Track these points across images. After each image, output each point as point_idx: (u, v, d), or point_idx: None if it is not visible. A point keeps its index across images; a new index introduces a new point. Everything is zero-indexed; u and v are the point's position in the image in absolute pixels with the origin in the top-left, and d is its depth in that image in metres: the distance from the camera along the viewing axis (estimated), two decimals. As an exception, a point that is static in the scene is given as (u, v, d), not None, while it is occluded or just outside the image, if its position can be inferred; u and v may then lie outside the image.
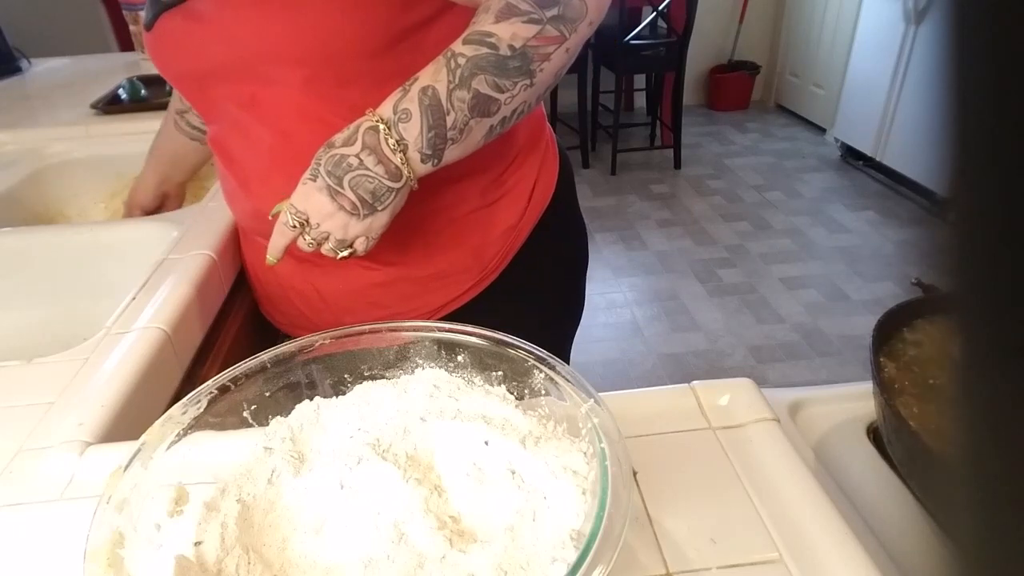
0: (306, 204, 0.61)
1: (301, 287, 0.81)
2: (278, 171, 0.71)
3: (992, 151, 0.12)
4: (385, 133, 0.58)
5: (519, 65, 0.59)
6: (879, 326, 0.53)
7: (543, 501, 0.42)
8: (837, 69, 3.58)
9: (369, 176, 0.59)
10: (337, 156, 0.59)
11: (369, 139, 0.59)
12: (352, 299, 0.79)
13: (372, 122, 0.59)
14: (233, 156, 0.75)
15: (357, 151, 0.59)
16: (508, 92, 0.60)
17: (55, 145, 1.23)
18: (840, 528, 0.44)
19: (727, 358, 2.20)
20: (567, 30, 0.60)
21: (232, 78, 0.68)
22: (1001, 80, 0.11)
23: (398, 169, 0.59)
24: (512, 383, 0.49)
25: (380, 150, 0.59)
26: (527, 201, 0.79)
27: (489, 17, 0.59)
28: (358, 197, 0.59)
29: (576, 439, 0.44)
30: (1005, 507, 0.13)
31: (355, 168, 0.59)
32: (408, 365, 0.52)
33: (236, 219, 0.87)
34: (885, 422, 0.50)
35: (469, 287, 0.79)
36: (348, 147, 0.59)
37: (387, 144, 0.58)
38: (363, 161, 0.59)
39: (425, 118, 0.58)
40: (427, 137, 0.59)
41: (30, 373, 0.63)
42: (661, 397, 0.57)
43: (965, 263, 0.12)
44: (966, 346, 0.13)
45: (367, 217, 0.61)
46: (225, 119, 0.73)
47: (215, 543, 0.40)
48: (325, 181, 0.59)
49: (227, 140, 0.75)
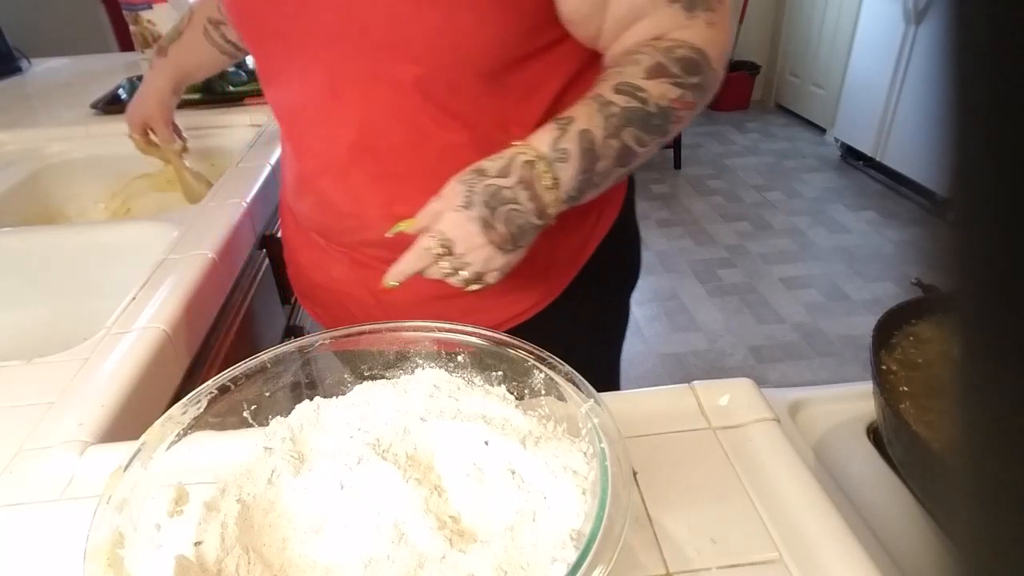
0: (456, 232, 0.56)
1: (358, 293, 0.77)
2: (358, 169, 0.68)
3: (992, 151, 0.11)
4: (543, 170, 0.56)
5: (660, 124, 0.59)
6: (879, 326, 0.53)
7: (543, 501, 0.42)
8: (837, 69, 3.58)
9: (520, 212, 0.56)
10: (494, 187, 0.56)
11: (525, 173, 0.56)
12: (413, 310, 0.74)
13: (529, 156, 0.57)
14: (306, 143, 0.71)
15: (512, 184, 0.56)
16: (646, 148, 0.60)
17: (55, 145, 1.23)
18: (840, 528, 0.44)
19: (727, 358, 2.20)
20: (700, 98, 0.61)
21: (335, 55, 0.63)
22: (1001, 80, 0.11)
23: (546, 208, 0.57)
24: (512, 383, 0.49)
25: (534, 187, 0.57)
26: (597, 217, 0.78)
27: (639, 71, 0.58)
28: (509, 232, 0.57)
29: (576, 439, 0.44)
30: (1005, 507, 0.13)
31: (509, 202, 0.56)
32: (408, 365, 0.52)
33: (291, 204, 0.80)
34: (885, 422, 0.50)
35: (533, 303, 0.77)
36: (503, 178, 0.56)
37: (542, 182, 0.57)
38: (517, 196, 0.56)
39: (581, 161, 0.57)
40: (578, 180, 0.58)
41: (30, 373, 0.63)
42: (661, 397, 0.57)
43: (965, 263, 0.12)
44: (966, 346, 0.13)
45: (509, 253, 0.58)
46: (304, 95, 0.67)
47: (215, 543, 0.40)
48: (480, 211, 0.56)
49: (301, 119, 0.70)
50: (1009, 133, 0.11)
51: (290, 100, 0.70)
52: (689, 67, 0.59)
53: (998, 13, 0.11)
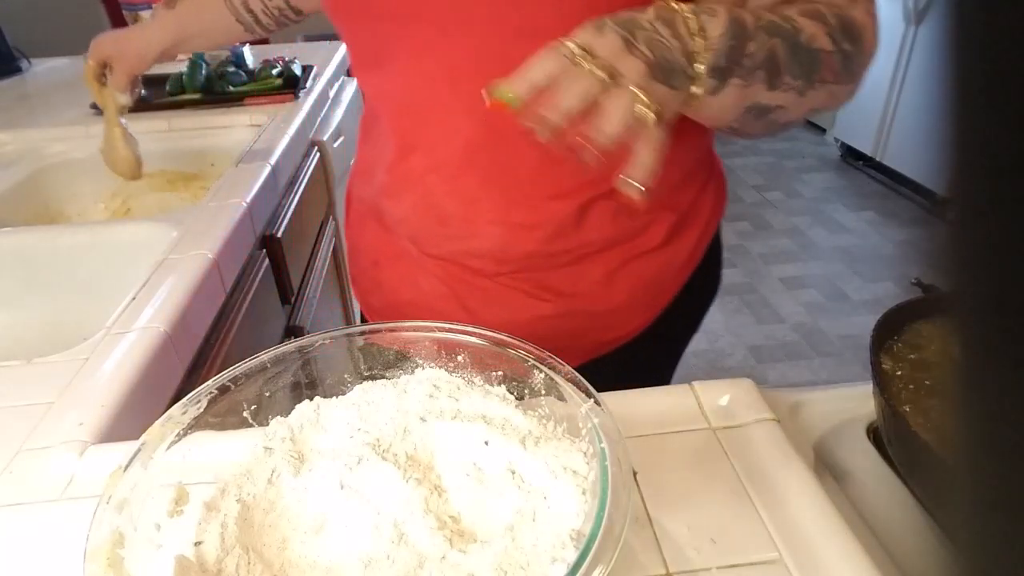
0: (595, 42, 0.44)
1: (448, 308, 0.69)
2: (472, 168, 0.61)
3: (992, 151, 0.11)
4: (687, 14, 0.47)
5: (806, 63, 0.51)
6: (879, 326, 0.53)
7: (543, 501, 0.42)
8: (837, 69, 3.57)
9: (664, 43, 0.46)
10: (625, 16, 0.46)
11: (664, 13, 0.47)
12: (511, 330, 0.69)
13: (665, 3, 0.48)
14: (413, 136, 0.63)
15: (650, 18, 0.46)
16: (784, 83, 0.51)
17: (55, 145, 1.23)
18: (840, 528, 0.44)
19: (727, 358, 2.20)
20: (846, 72, 0.53)
21: (458, 41, 0.56)
22: (1001, 80, 0.11)
23: (692, 56, 0.47)
24: (512, 383, 0.49)
25: (675, 25, 0.47)
26: (698, 237, 0.74)
27: (795, 10, 0.52)
28: (655, 57, 0.45)
29: (576, 439, 0.44)
30: (1005, 507, 0.13)
31: (648, 30, 0.46)
32: (408, 365, 0.52)
33: (381, 205, 0.71)
34: (885, 422, 0.50)
35: (637, 324, 0.72)
36: (635, 14, 0.47)
37: (686, 25, 0.47)
38: (657, 28, 0.46)
39: (731, 26, 0.48)
40: (727, 43, 0.48)
41: (30, 373, 0.63)
42: (661, 397, 0.57)
43: (965, 263, 0.12)
44: (966, 346, 0.13)
45: (661, 84, 0.45)
46: (416, 83, 0.60)
47: (215, 543, 0.40)
48: (616, 31, 0.44)
49: (409, 110, 0.62)
50: (1009, 133, 0.11)
51: (396, 88, 0.62)
52: (847, 30, 0.52)
53: (998, 13, 0.11)
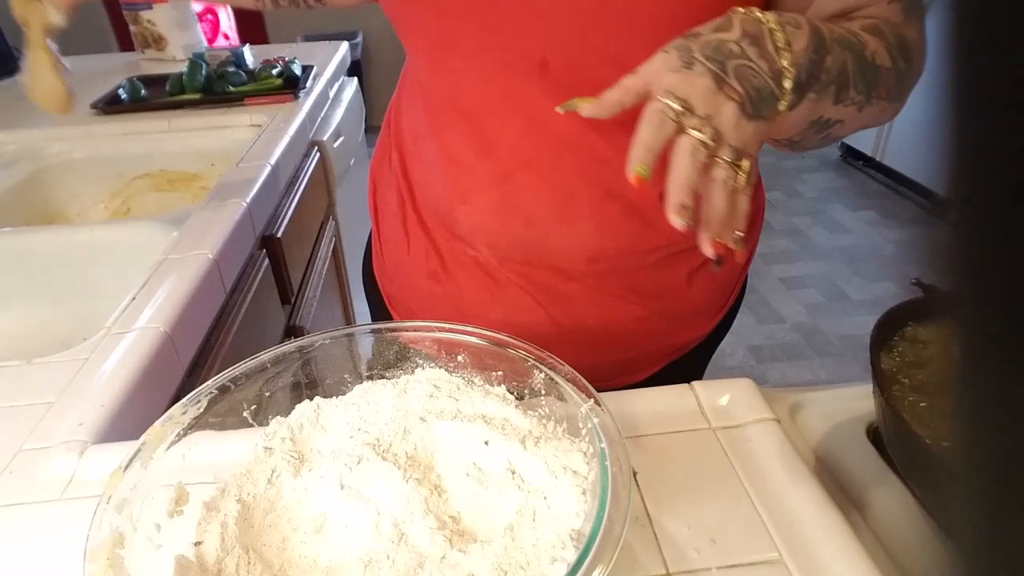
0: (688, 90, 0.44)
1: (532, 319, 0.65)
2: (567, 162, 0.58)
3: (992, 151, 0.12)
4: (773, 26, 0.46)
5: (870, 78, 0.51)
6: (879, 326, 0.53)
7: (543, 501, 0.42)
8: (837, 69, 3.58)
9: (753, 69, 0.45)
10: (714, 41, 0.45)
11: (750, 27, 0.46)
12: (598, 336, 0.66)
13: (754, 14, 0.46)
14: (495, 134, 0.59)
15: (736, 37, 0.45)
16: (849, 97, 0.51)
17: (55, 145, 1.23)
18: (840, 528, 0.44)
19: (727, 358, 2.20)
20: (898, 89, 0.53)
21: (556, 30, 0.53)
22: (1002, 79, 0.11)
23: (781, 74, 0.46)
24: (512, 383, 0.49)
25: (763, 42, 0.46)
26: (756, 235, 0.74)
27: (856, 25, 0.52)
28: (745, 90, 0.45)
29: (576, 439, 0.44)
30: (1005, 507, 0.13)
31: (737, 56, 0.45)
32: (408, 365, 0.52)
33: (443, 216, 0.66)
34: (885, 422, 0.50)
35: (706, 327, 0.73)
36: (723, 32, 0.46)
37: (772, 40, 0.46)
38: (745, 51, 0.45)
39: (813, 39, 0.47)
40: (809, 57, 0.47)
41: (30, 373, 0.63)
42: (661, 397, 0.57)
43: (965, 263, 0.12)
44: (966, 346, 0.13)
45: (752, 120, 0.45)
46: (500, 77, 0.57)
47: (215, 543, 0.40)
48: (706, 67, 0.44)
49: (490, 105, 0.59)
50: (1009, 133, 0.11)
51: (472, 82, 0.59)
52: (903, 49, 0.52)
53: (998, 13, 0.11)
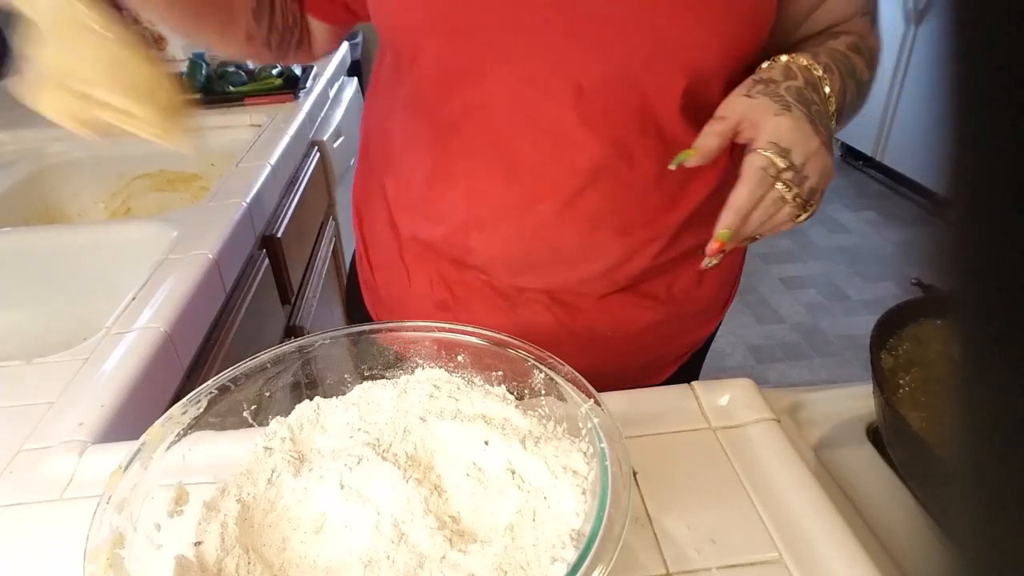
0: (792, 137, 0.47)
1: (555, 339, 0.64)
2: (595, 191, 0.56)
3: (992, 151, 0.12)
4: (821, 74, 0.51)
5: (860, 99, 0.55)
6: (879, 326, 0.53)
7: (543, 501, 0.42)
8: (837, 69, 3.58)
9: (822, 112, 0.49)
10: (794, 87, 0.48)
11: (808, 76, 0.50)
12: (619, 343, 0.66)
13: (804, 62, 0.51)
14: (518, 162, 0.57)
15: (803, 84, 0.49)
16: (845, 117, 0.55)
17: (55, 145, 1.23)
18: (840, 528, 0.44)
19: (727, 358, 2.20)
20: (864, 98, 0.57)
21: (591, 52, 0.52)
22: (1002, 79, 0.11)
23: (831, 116, 0.51)
24: (512, 383, 0.49)
25: (820, 89, 0.50)
26: None
27: (842, 44, 0.56)
28: (827, 134, 0.49)
29: (576, 439, 0.44)
30: (1005, 507, 0.13)
31: (814, 103, 0.49)
32: (408, 365, 0.52)
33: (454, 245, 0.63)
34: (885, 422, 0.50)
35: (714, 323, 0.73)
36: (792, 80, 0.49)
37: (823, 87, 0.51)
38: (813, 97, 0.49)
39: (840, 80, 0.52)
40: (837, 102, 0.52)
41: (30, 373, 0.63)
42: (661, 397, 0.57)
43: (965, 263, 0.12)
44: (966, 346, 0.13)
45: (831, 159, 0.49)
46: (526, 100, 0.55)
47: (215, 543, 0.40)
48: (802, 111, 0.47)
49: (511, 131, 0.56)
50: (1009, 132, 0.11)
51: (501, 108, 0.56)
52: (871, 61, 0.57)
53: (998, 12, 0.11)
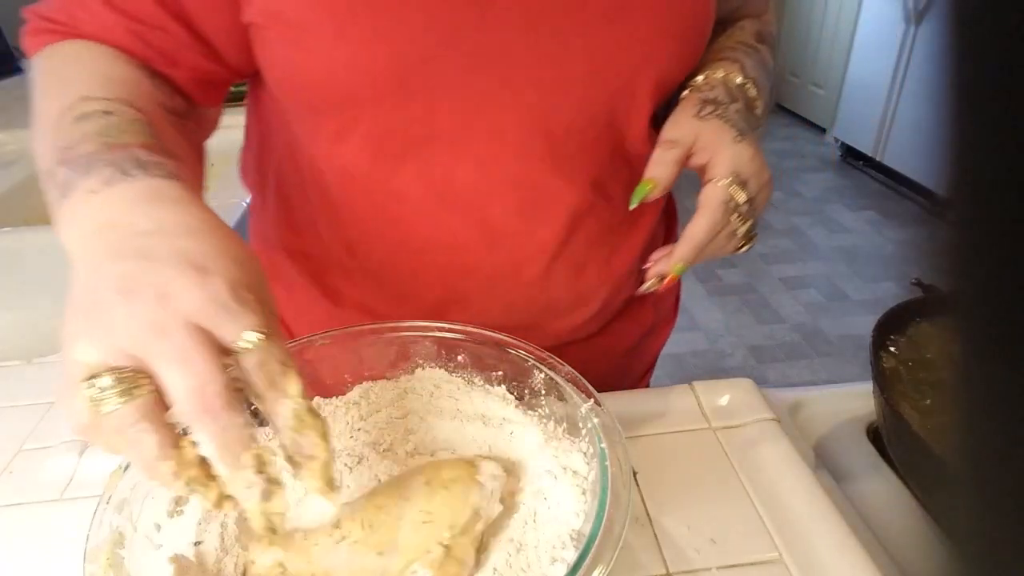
0: (751, 168, 0.46)
1: None
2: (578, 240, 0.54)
3: (992, 151, 0.12)
4: (754, 94, 0.50)
5: (771, 89, 0.55)
6: (879, 326, 0.53)
7: (543, 501, 0.42)
8: (837, 69, 3.58)
9: (758, 134, 0.49)
10: (739, 110, 0.49)
11: (742, 95, 0.50)
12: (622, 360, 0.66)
13: (740, 79, 0.50)
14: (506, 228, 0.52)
15: (743, 107, 0.49)
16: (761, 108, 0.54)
17: (55, 145, 1.23)
18: (840, 528, 0.44)
19: (727, 358, 2.20)
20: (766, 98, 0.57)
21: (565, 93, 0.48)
22: (1002, 79, 0.11)
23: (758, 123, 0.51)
24: (512, 383, 0.49)
25: (755, 109, 0.50)
26: None
27: (749, 35, 0.56)
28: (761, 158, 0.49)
29: (576, 439, 0.44)
30: (1005, 507, 0.13)
31: (754, 125, 0.49)
32: (408, 365, 0.52)
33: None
34: (885, 422, 0.50)
35: (667, 330, 0.73)
36: (736, 103, 0.49)
37: (755, 109, 0.50)
38: (749, 119, 0.49)
39: (766, 95, 0.52)
40: (763, 119, 0.51)
41: (30, 373, 0.63)
42: (661, 397, 0.57)
43: (965, 263, 0.12)
44: (966, 346, 0.13)
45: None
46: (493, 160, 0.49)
47: (215, 543, 0.40)
48: (751, 137, 0.47)
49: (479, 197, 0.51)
50: (1009, 132, 0.11)
51: (469, 171, 0.50)
52: (773, 46, 0.57)
53: (998, 12, 0.11)
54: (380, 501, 0.40)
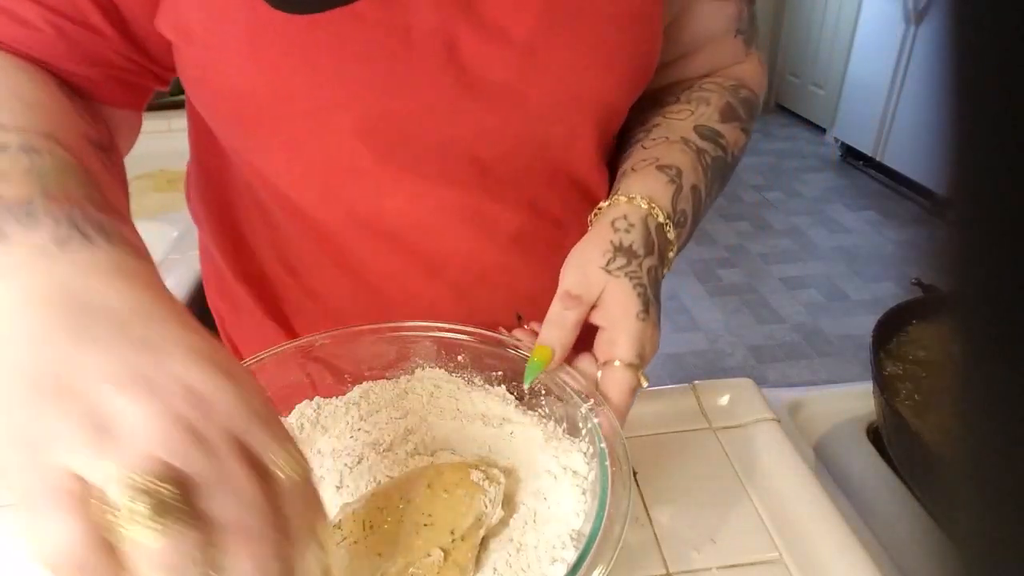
0: (650, 350, 0.46)
1: None
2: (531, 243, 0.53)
3: (993, 151, 0.12)
4: (671, 238, 0.49)
5: (728, 176, 0.55)
6: (879, 326, 0.53)
7: (543, 501, 0.42)
8: (837, 69, 3.58)
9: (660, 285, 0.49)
10: (652, 271, 0.47)
11: (660, 241, 0.48)
12: None
13: (661, 219, 0.48)
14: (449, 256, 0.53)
15: (657, 261, 0.48)
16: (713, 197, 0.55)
17: (55, 145, 1.23)
18: (840, 528, 0.44)
19: (727, 358, 2.20)
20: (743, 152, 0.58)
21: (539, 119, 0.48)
22: (1002, 79, 0.11)
23: (669, 248, 0.50)
24: (512, 383, 0.49)
25: (667, 256, 0.49)
26: None
27: (713, 113, 0.54)
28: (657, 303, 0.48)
29: (576, 439, 0.44)
30: (1005, 507, 0.13)
31: (659, 281, 0.48)
32: (408, 365, 0.52)
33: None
34: (885, 422, 0.50)
35: None
36: (651, 256, 0.47)
37: (669, 253, 0.49)
38: (658, 274, 0.48)
39: (693, 226, 0.52)
40: (681, 243, 0.51)
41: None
42: (661, 397, 0.57)
43: (965, 263, 0.12)
44: (966, 346, 0.13)
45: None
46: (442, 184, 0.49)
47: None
48: (656, 309, 0.46)
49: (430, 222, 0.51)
50: (1009, 132, 0.11)
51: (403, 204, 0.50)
52: (750, 110, 0.57)
53: (999, 12, 0.11)
54: (381, 503, 0.40)
